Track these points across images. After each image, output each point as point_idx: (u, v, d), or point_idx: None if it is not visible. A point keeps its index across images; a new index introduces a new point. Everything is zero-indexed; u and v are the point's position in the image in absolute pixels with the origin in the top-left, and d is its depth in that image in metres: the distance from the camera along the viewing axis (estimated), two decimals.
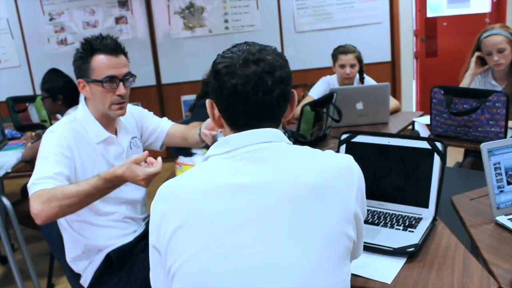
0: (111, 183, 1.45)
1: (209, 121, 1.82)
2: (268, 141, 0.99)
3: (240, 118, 1.00)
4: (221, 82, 0.98)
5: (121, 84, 1.65)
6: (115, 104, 1.67)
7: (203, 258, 0.90)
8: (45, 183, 1.44)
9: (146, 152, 1.47)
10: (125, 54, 1.70)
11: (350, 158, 1.02)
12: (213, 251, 0.90)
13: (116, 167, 1.44)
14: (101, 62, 1.63)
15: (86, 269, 1.71)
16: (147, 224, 1.86)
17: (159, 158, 1.47)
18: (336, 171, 0.97)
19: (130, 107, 1.83)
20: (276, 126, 1.03)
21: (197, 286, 0.90)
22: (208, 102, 1.06)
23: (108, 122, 1.74)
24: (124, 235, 1.75)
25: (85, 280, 1.71)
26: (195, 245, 0.91)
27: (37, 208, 1.37)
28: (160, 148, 2.03)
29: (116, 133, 1.78)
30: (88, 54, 1.64)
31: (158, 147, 2.03)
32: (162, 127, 2.00)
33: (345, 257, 0.95)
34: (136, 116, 1.93)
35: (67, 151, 1.57)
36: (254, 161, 0.96)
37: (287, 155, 0.98)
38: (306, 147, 1.02)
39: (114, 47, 1.65)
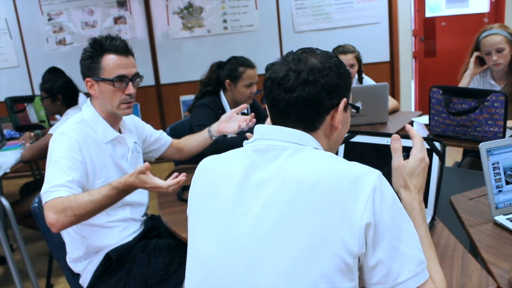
0: (122, 192, 1.51)
1: (225, 115, 2.12)
2: (293, 141, 0.98)
3: (271, 113, 1.04)
4: (265, 75, 1.04)
5: (130, 83, 1.70)
6: (124, 104, 1.70)
7: (208, 240, 0.96)
8: (58, 191, 1.47)
9: (147, 164, 1.50)
10: (133, 55, 1.74)
11: (370, 170, 0.91)
12: (218, 235, 0.95)
13: (126, 176, 1.50)
14: (112, 62, 1.65)
15: (86, 269, 1.71)
16: (146, 224, 1.87)
17: (176, 180, 1.52)
18: (344, 176, 0.89)
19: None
20: (307, 131, 1.00)
21: (201, 265, 0.97)
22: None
23: (115, 121, 1.76)
24: (125, 236, 1.76)
25: (85, 280, 1.71)
26: (204, 224, 0.98)
27: (53, 218, 1.42)
28: (156, 159, 2.11)
29: (121, 132, 1.81)
30: (99, 54, 1.66)
31: (154, 157, 2.10)
32: (166, 139, 2.10)
33: (336, 273, 0.85)
34: (136, 123, 1.97)
35: (79, 155, 1.58)
36: (271, 159, 0.96)
37: (304, 157, 0.95)
38: (331, 154, 0.98)
39: (124, 48, 1.69)
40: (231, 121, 2.08)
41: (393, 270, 0.88)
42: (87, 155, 1.62)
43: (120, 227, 1.74)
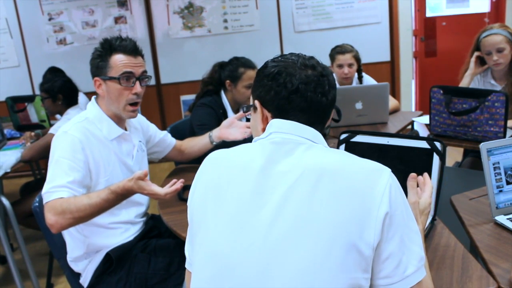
0: (121, 196, 1.51)
1: (226, 121, 2.08)
2: (307, 138, 1.02)
3: (295, 116, 1.03)
4: (280, 82, 1.03)
5: (137, 82, 1.69)
6: (130, 105, 1.70)
7: (223, 233, 0.94)
8: (59, 192, 1.48)
9: (145, 170, 1.50)
10: (142, 56, 1.75)
11: (383, 166, 0.96)
12: (234, 227, 0.93)
13: (125, 181, 1.50)
14: (119, 61, 1.66)
15: (86, 268, 1.71)
16: (146, 224, 1.87)
17: (174, 188, 1.52)
18: (360, 168, 0.94)
19: None
20: (320, 131, 1.06)
21: (214, 259, 0.94)
22: (257, 103, 1.08)
23: (120, 120, 1.76)
24: (126, 236, 1.76)
25: (85, 280, 1.71)
26: (219, 217, 0.95)
27: (52, 219, 1.44)
28: (159, 160, 2.11)
29: (126, 130, 1.81)
30: (107, 53, 1.67)
31: (158, 159, 2.11)
32: (170, 141, 2.10)
33: (354, 264, 0.86)
34: (141, 122, 1.97)
35: (81, 154, 1.58)
36: (287, 152, 0.98)
37: (320, 151, 0.99)
38: (342, 151, 1.03)
39: (133, 48, 1.69)
40: (232, 127, 2.08)
41: (402, 262, 0.91)
42: (90, 154, 1.62)
43: (122, 229, 1.75)
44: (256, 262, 0.89)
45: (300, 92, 1.02)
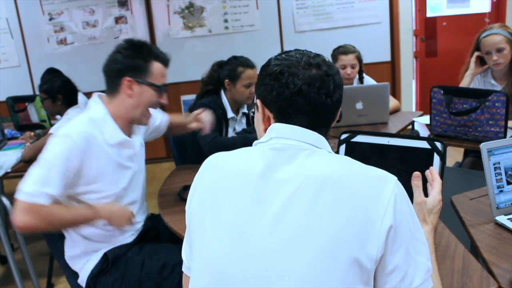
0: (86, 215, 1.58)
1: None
2: (309, 143, 0.98)
3: (298, 118, 0.99)
4: (282, 82, 0.98)
5: (165, 94, 1.71)
6: (149, 112, 1.72)
7: (221, 240, 0.91)
8: (35, 198, 1.53)
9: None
10: None
11: (389, 174, 0.92)
12: (232, 235, 0.90)
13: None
14: (159, 70, 1.68)
15: (84, 268, 1.70)
16: (145, 225, 1.86)
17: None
18: (365, 177, 0.90)
19: None
20: (325, 133, 1.02)
21: (211, 267, 0.92)
22: (259, 102, 1.05)
23: (125, 124, 1.71)
24: (125, 237, 1.76)
25: (82, 279, 1.71)
26: (217, 224, 0.93)
27: (25, 221, 1.58)
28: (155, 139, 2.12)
29: (130, 135, 1.76)
30: (147, 58, 1.65)
31: (158, 137, 2.13)
32: (162, 122, 2.08)
33: (355, 278, 0.84)
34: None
35: (75, 163, 1.54)
36: (288, 158, 0.94)
37: (322, 158, 0.95)
38: (348, 157, 0.99)
39: (168, 61, 1.72)
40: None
41: (408, 275, 0.88)
42: (86, 161, 1.56)
43: (119, 231, 1.74)
44: (254, 273, 0.87)
45: (303, 93, 0.97)
